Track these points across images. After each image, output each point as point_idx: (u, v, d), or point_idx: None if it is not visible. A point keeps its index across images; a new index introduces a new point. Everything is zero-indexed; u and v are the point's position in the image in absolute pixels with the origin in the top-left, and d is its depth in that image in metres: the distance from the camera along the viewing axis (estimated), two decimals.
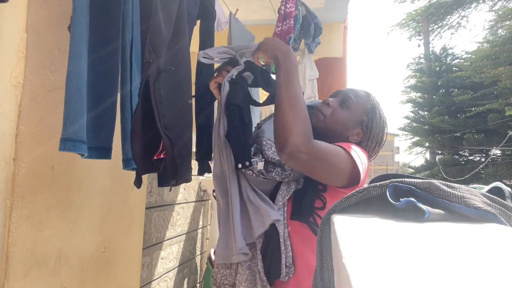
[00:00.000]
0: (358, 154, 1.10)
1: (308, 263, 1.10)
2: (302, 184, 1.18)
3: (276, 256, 1.11)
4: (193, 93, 1.30)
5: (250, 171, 1.13)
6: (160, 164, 1.12)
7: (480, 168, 10.00)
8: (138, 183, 1.06)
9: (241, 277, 1.15)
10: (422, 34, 14.72)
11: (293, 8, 2.33)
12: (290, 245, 1.12)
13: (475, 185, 0.77)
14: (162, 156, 1.10)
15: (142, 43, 0.96)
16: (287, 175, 1.15)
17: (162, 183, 1.29)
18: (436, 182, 0.61)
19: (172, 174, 1.06)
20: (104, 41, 1.03)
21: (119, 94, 1.06)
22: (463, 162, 11.09)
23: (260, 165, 1.13)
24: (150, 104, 0.98)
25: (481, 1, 14.13)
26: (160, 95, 0.99)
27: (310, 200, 1.13)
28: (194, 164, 2.80)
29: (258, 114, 2.62)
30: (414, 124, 12.01)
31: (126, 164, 1.08)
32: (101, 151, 1.06)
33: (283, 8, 2.34)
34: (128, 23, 1.06)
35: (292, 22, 2.31)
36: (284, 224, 1.13)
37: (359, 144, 1.22)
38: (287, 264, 1.11)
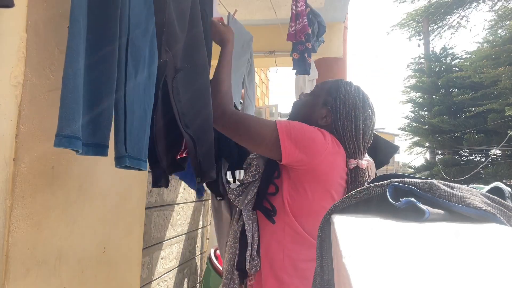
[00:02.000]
0: (291, 128, 1.12)
1: (269, 254, 1.18)
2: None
3: (244, 246, 1.21)
4: None
5: (230, 194, 1.27)
6: (184, 163, 1.12)
7: (480, 168, 10.00)
8: (165, 182, 1.06)
9: (224, 266, 1.29)
10: (422, 34, 14.71)
11: (304, 6, 2.33)
12: (258, 238, 1.21)
13: (475, 185, 0.77)
14: (185, 155, 1.10)
15: (158, 42, 0.95)
16: (256, 172, 1.25)
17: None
18: (436, 182, 0.61)
19: (197, 172, 1.05)
20: (102, 39, 1.03)
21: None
22: (463, 162, 11.09)
23: (234, 185, 1.29)
24: (169, 104, 0.98)
25: (481, 1, 14.13)
26: (179, 94, 0.99)
27: (264, 186, 1.20)
28: None
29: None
30: (414, 124, 12.01)
31: (118, 162, 1.07)
32: (97, 148, 1.06)
33: (294, 7, 2.33)
34: (124, 22, 1.06)
35: (306, 20, 2.30)
36: (253, 218, 1.22)
37: (328, 126, 1.23)
38: (253, 255, 1.19)
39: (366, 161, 1.23)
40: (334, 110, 1.22)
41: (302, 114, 1.28)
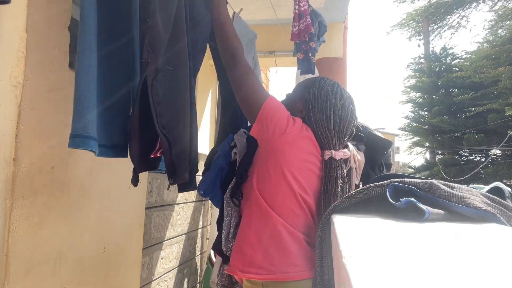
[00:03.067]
0: (269, 111, 1.22)
1: (240, 232, 1.28)
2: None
3: (220, 231, 1.36)
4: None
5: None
6: (157, 162, 1.12)
7: (480, 168, 9.99)
8: (135, 181, 1.05)
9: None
10: (422, 34, 14.70)
11: (307, 6, 2.32)
12: (236, 223, 1.34)
13: (475, 185, 0.77)
14: (159, 155, 1.11)
15: (141, 44, 0.96)
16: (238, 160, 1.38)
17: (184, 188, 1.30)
18: (436, 182, 0.61)
19: (170, 173, 1.07)
20: (114, 37, 1.02)
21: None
22: (463, 162, 11.09)
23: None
24: (148, 103, 0.98)
25: (481, 1, 14.12)
26: (158, 95, 0.99)
27: (239, 175, 1.33)
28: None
29: None
30: (414, 124, 12.00)
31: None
32: (116, 149, 1.05)
33: (297, 7, 2.32)
34: (135, 18, 1.06)
35: (309, 20, 2.29)
36: (232, 205, 1.35)
37: (304, 118, 1.32)
38: (229, 238, 1.34)
39: (343, 152, 1.29)
40: (307, 102, 1.33)
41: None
